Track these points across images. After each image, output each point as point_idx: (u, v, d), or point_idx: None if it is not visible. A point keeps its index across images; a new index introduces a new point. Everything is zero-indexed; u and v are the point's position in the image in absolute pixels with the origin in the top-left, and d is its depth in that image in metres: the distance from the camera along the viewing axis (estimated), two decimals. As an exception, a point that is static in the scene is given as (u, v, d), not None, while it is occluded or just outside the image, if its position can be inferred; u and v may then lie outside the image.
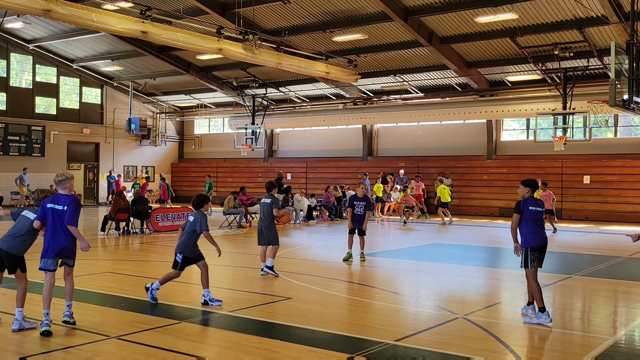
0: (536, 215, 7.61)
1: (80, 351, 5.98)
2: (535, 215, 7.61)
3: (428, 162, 29.48)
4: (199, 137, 38.99)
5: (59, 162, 32.40)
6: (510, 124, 28.91)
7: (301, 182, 32.11)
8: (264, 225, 10.61)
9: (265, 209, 10.62)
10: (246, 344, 6.31)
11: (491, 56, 24.83)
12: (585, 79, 23.46)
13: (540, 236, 7.58)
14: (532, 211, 7.60)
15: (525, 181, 7.81)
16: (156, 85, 34.61)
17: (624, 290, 10.05)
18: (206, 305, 7.92)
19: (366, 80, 28.49)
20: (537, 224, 7.61)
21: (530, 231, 7.55)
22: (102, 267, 11.70)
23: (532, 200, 7.70)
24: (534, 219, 7.59)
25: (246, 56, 21.60)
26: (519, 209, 7.61)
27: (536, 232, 7.56)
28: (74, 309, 7.13)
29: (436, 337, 6.72)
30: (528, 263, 7.54)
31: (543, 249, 7.60)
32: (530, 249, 7.51)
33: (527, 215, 7.57)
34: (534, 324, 7.28)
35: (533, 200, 7.73)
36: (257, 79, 29.65)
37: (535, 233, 7.54)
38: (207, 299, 8.08)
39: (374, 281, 10.59)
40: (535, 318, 7.35)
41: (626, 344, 6.70)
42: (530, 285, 7.57)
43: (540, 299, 7.43)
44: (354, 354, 5.98)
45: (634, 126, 25.78)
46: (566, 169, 25.82)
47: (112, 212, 17.45)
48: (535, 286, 7.49)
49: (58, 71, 32.91)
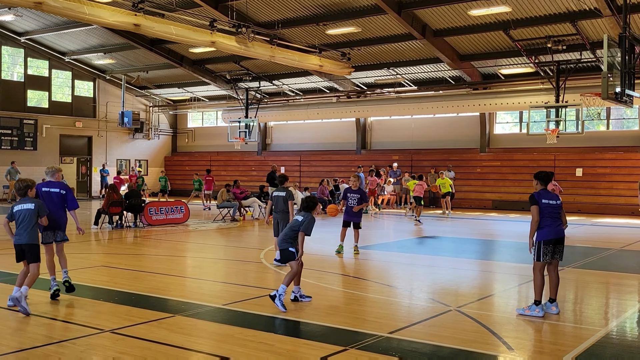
0: (549, 209, 7.45)
1: (74, 345, 5.98)
2: (549, 209, 7.45)
3: (421, 155, 29.52)
4: (192, 131, 38.90)
5: (52, 155, 32.28)
6: (504, 117, 28.98)
7: (295, 176, 32.09)
8: (279, 217, 10.83)
9: (280, 202, 10.83)
10: (240, 337, 6.33)
11: (484, 49, 24.86)
12: (578, 72, 23.52)
13: (555, 229, 7.44)
14: (545, 204, 7.43)
15: (535, 174, 7.68)
16: (149, 78, 34.47)
17: (616, 282, 10.12)
18: (296, 302, 7.84)
19: (360, 74, 28.48)
20: (551, 217, 7.44)
21: (544, 225, 7.41)
22: (95, 260, 11.69)
23: (544, 193, 7.53)
24: (547, 213, 7.42)
25: (239, 49, 21.54)
26: (534, 200, 7.43)
27: (550, 225, 7.42)
28: (68, 302, 7.11)
29: (430, 330, 6.76)
30: (540, 256, 7.44)
31: (558, 242, 7.48)
32: (544, 242, 7.40)
33: (540, 209, 7.42)
34: (527, 316, 7.31)
35: (546, 193, 7.55)
36: (251, 72, 29.58)
37: (549, 226, 7.41)
38: (298, 295, 7.95)
39: (368, 274, 10.62)
40: (528, 310, 7.37)
41: (617, 336, 6.75)
42: (534, 277, 7.52)
43: (539, 292, 7.40)
44: (347, 346, 6.01)
45: (626, 119, 25.89)
46: (559, 162, 25.91)
47: (106, 205, 17.41)
48: (539, 280, 7.44)
49: (50, 64, 32.72)
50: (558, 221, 7.52)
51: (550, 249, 7.43)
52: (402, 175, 28.08)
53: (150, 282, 9.48)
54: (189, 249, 14.05)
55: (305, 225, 7.78)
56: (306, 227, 7.78)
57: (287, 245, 7.80)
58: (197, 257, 12.76)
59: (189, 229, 17.70)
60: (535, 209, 7.40)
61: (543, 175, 7.64)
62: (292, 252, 7.74)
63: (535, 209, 7.41)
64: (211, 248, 14.17)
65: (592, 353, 5.96)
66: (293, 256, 7.73)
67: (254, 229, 18.24)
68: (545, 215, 7.42)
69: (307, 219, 7.84)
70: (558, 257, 7.57)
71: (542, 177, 7.61)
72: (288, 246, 7.79)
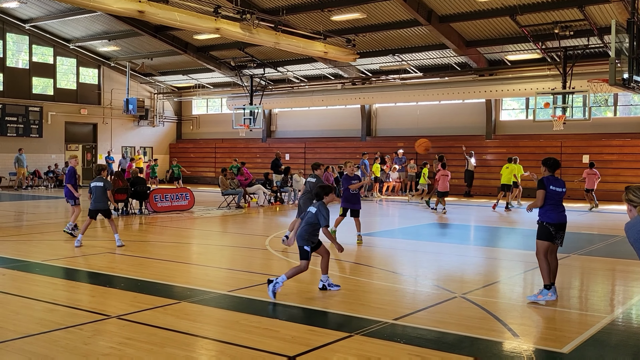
0: (555, 196, 7.50)
1: (80, 330, 6.00)
2: (555, 196, 7.48)
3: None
4: (197, 118, 38.88)
5: (57, 143, 32.35)
6: (510, 103, 28.83)
7: (299, 163, 32.06)
8: (302, 202, 11.25)
9: (311, 187, 11.01)
10: (245, 323, 6.34)
11: (491, 35, 24.68)
12: (585, 58, 23.34)
13: (558, 215, 7.48)
14: (551, 191, 7.46)
15: (543, 161, 7.70)
16: (153, 65, 34.41)
17: (622, 269, 10.09)
18: (324, 290, 7.82)
19: (365, 60, 28.35)
20: (555, 204, 7.48)
21: (548, 209, 7.45)
22: (101, 247, 11.73)
23: (552, 180, 7.55)
24: (552, 199, 7.46)
25: (244, 36, 21.45)
26: (543, 185, 7.46)
27: (554, 210, 7.46)
28: (74, 288, 7.13)
29: (434, 316, 6.75)
30: (544, 235, 7.45)
31: (561, 227, 7.50)
32: (547, 223, 7.44)
33: (547, 194, 7.44)
34: (532, 303, 7.30)
35: (554, 179, 7.57)
36: (255, 58, 29.48)
37: (552, 211, 7.45)
38: (326, 284, 7.87)
39: (373, 261, 10.63)
40: (540, 296, 7.37)
41: (623, 322, 6.74)
42: (539, 263, 7.51)
43: (546, 275, 7.39)
44: (352, 332, 6.02)
45: (633, 105, 25.72)
46: (565, 149, 25.79)
47: (111, 192, 17.40)
48: (544, 264, 7.42)
49: (55, 51, 32.70)
50: (562, 207, 7.57)
51: (554, 231, 7.45)
52: (407, 162, 28.04)
53: (156, 269, 9.51)
54: (194, 235, 14.07)
55: (322, 220, 7.58)
56: (323, 220, 7.58)
57: (303, 243, 7.62)
58: (202, 244, 12.78)
59: (194, 215, 17.73)
60: (542, 193, 7.45)
61: (552, 162, 7.66)
62: (307, 251, 7.55)
63: (541, 194, 7.45)
64: (216, 235, 14.20)
65: (598, 340, 5.95)
66: (306, 255, 7.55)
67: (259, 216, 18.26)
68: (550, 202, 7.46)
69: (321, 211, 7.62)
70: (559, 242, 7.57)
71: (550, 164, 7.64)
72: (304, 244, 7.61)
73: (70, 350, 5.41)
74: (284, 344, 5.64)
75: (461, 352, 5.49)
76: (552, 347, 5.67)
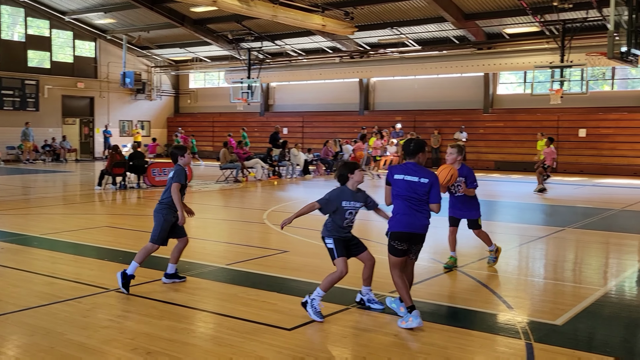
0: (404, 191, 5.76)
1: (79, 303, 6.08)
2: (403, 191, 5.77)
3: (424, 116, 29.38)
4: (194, 92, 38.70)
5: (54, 116, 32.22)
6: (507, 77, 28.73)
7: (297, 137, 32.05)
8: None
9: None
10: (244, 296, 6.42)
11: (489, 8, 24.49)
12: (583, 31, 23.21)
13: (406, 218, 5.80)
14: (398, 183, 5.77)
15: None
16: (150, 38, 34.12)
17: (616, 242, 10.19)
18: (362, 305, 6.13)
19: (363, 34, 28.14)
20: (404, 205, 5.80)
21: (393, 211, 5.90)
22: (99, 221, 11.78)
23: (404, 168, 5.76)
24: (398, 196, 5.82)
25: (241, 8, 21.27)
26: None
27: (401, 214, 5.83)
28: (73, 262, 7.16)
29: (431, 289, 6.84)
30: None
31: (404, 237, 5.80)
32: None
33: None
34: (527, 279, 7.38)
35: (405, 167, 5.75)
36: (253, 32, 29.26)
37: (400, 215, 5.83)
38: (366, 298, 6.15)
39: (369, 234, 10.69)
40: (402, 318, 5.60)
41: (616, 295, 6.83)
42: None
43: (406, 296, 5.60)
44: (349, 305, 6.10)
45: (630, 79, 25.65)
46: (562, 122, 25.79)
47: (109, 166, 17.46)
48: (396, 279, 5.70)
49: (50, 24, 32.39)
50: (417, 208, 5.84)
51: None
52: (404, 136, 28.01)
53: (154, 243, 9.56)
54: (192, 209, 14.10)
55: (371, 201, 6.19)
56: (374, 201, 6.21)
57: (323, 235, 5.98)
58: (200, 218, 12.82)
59: (192, 190, 17.77)
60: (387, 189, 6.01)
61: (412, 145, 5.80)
62: (330, 248, 5.87)
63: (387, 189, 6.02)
64: (214, 209, 14.25)
65: (591, 312, 6.04)
66: (332, 254, 5.87)
67: (257, 190, 18.30)
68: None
69: (367, 196, 6.15)
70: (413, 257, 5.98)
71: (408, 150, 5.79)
72: (324, 237, 5.96)
73: (70, 322, 5.48)
74: (282, 317, 5.72)
75: (457, 324, 5.57)
76: (546, 319, 5.76)
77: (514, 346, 5.02)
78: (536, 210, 14.09)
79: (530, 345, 5.01)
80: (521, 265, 8.22)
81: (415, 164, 5.69)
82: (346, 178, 5.98)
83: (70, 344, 4.94)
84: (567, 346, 5.01)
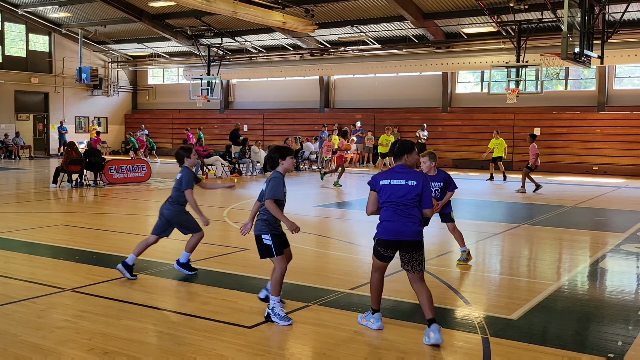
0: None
1: (34, 304, 5.94)
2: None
3: (384, 114, 29.62)
4: (153, 88, 38.16)
5: (7, 112, 31.35)
6: (465, 76, 29.17)
7: (258, 134, 31.93)
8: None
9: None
10: (203, 294, 6.38)
11: (448, 7, 24.82)
12: (538, 31, 23.73)
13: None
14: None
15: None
16: (107, 33, 33.50)
17: (569, 238, 10.46)
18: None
19: (323, 31, 28.19)
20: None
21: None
22: (54, 219, 11.53)
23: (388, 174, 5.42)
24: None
25: (200, 4, 21.07)
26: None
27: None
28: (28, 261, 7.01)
29: (390, 285, 6.89)
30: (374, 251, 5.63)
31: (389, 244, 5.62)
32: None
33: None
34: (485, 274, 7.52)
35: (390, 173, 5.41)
36: (213, 28, 29.00)
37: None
38: (269, 310, 5.57)
39: (330, 232, 10.75)
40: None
41: (569, 289, 7.02)
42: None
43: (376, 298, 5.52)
44: (310, 302, 6.12)
45: (583, 79, 26.34)
46: (518, 121, 26.33)
47: (64, 163, 17.09)
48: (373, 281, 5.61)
49: (2, 17, 31.51)
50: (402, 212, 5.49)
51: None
52: (365, 134, 28.23)
53: (112, 241, 9.42)
54: (151, 207, 13.94)
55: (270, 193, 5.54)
56: (272, 193, 5.54)
57: (260, 231, 5.60)
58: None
59: (151, 187, 17.54)
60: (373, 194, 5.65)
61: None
62: (268, 245, 5.54)
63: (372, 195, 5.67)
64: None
65: (545, 306, 6.19)
66: (269, 251, 5.55)
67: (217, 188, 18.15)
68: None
69: (274, 181, 5.56)
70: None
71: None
72: (261, 233, 5.59)
73: (24, 323, 5.36)
74: (242, 315, 5.70)
75: (415, 320, 5.65)
76: (502, 313, 5.88)
77: (470, 341, 5.12)
78: (492, 207, 14.36)
79: (486, 340, 5.11)
80: (478, 261, 8.37)
81: (401, 166, 5.36)
82: (277, 163, 5.60)
83: (24, 345, 4.83)
84: (522, 340, 5.13)
